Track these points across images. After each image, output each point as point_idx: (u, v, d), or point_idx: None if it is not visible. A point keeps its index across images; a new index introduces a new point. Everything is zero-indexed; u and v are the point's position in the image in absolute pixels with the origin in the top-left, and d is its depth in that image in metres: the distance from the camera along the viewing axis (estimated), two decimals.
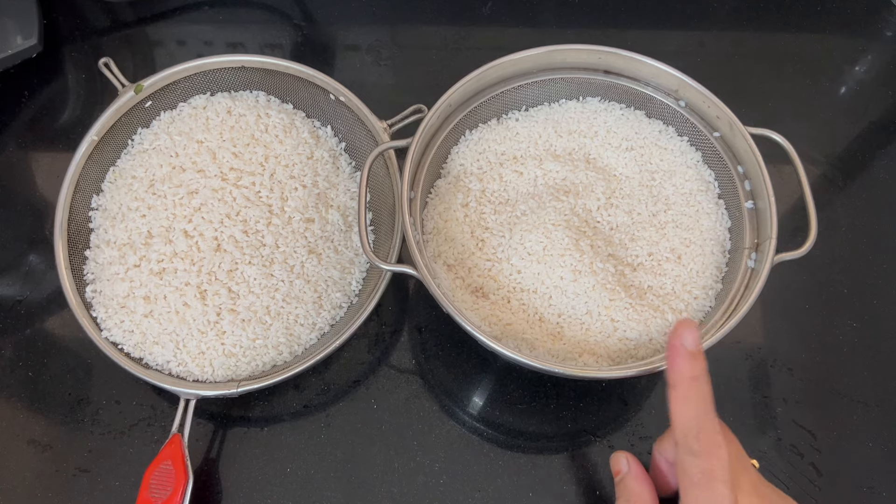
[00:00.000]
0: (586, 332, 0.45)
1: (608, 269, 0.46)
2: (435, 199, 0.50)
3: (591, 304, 0.45)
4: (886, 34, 0.68)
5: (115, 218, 0.49)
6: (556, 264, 0.45)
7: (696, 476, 0.34)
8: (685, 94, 0.50)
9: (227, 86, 0.54)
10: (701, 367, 0.36)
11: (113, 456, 0.47)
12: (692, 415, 0.35)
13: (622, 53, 0.50)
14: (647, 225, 0.49)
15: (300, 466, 0.47)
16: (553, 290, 0.45)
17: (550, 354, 0.44)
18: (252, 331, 0.46)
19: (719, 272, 0.48)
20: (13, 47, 0.59)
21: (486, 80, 0.51)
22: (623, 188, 0.50)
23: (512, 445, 0.48)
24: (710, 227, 0.49)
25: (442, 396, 0.50)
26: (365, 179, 0.45)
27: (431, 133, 0.49)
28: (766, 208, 0.45)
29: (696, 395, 0.35)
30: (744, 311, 0.42)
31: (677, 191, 0.50)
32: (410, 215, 0.45)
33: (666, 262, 0.48)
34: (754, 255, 0.46)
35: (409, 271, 0.42)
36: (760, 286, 0.42)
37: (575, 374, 0.41)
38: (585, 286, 0.45)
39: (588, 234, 0.47)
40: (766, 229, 0.45)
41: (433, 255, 0.48)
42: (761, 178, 0.46)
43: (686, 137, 0.52)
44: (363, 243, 0.43)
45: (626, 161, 0.51)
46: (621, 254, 0.48)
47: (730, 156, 0.50)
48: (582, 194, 0.49)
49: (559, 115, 0.53)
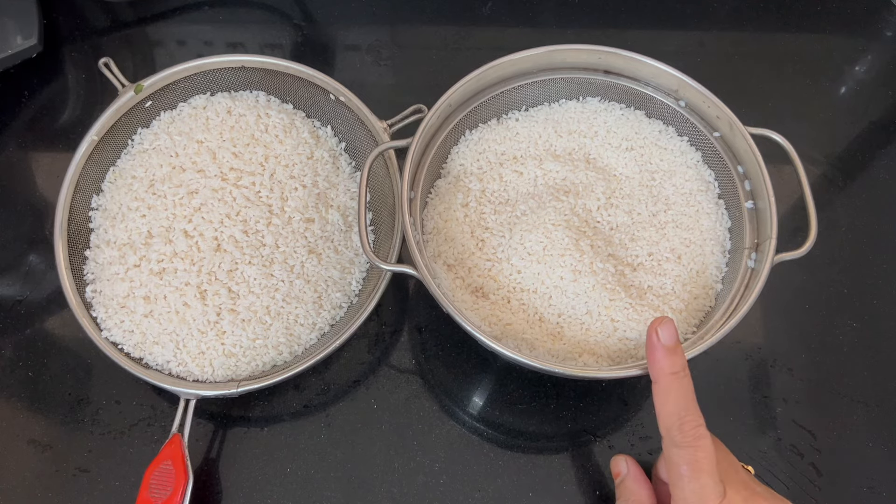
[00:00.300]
0: (586, 332, 0.45)
1: (608, 269, 0.46)
2: (435, 199, 0.50)
3: (591, 304, 0.45)
4: (886, 34, 0.68)
5: (115, 218, 0.49)
6: (556, 264, 0.45)
7: (682, 468, 0.35)
8: (685, 94, 0.50)
9: (227, 86, 0.54)
10: (680, 362, 0.37)
11: (113, 456, 0.47)
12: (673, 409, 0.36)
13: (622, 53, 0.50)
14: (647, 225, 0.49)
15: (300, 466, 0.47)
16: (553, 290, 0.45)
17: (550, 354, 0.44)
18: (252, 331, 0.46)
19: (719, 272, 0.48)
20: (13, 47, 0.59)
21: (486, 80, 0.51)
22: (623, 188, 0.50)
23: (512, 445, 0.48)
24: (710, 227, 0.49)
25: (442, 396, 0.50)
26: (365, 179, 0.45)
27: (431, 133, 0.49)
28: (766, 208, 0.45)
29: (677, 389, 0.36)
30: (744, 312, 0.42)
31: (677, 191, 0.50)
32: (410, 215, 0.45)
33: (666, 262, 0.48)
34: (754, 255, 0.46)
35: (409, 271, 0.42)
36: (760, 286, 0.42)
37: (575, 374, 0.41)
38: (585, 286, 0.45)
39: (588, 234, 0.47)
40: (767, 229, 0.45)
41: (433, 255, 0.48)
42: (761, 178, 0.46)
43: (686, 137, 0.52)
44: (363, 243, 0.43)
45: (626, 161, 0.51)
46: (621, 254, 0.48)
47: (730, 156, 0.50)
48: (582, 194, 0.49)
49: (559, 115, 0.53)
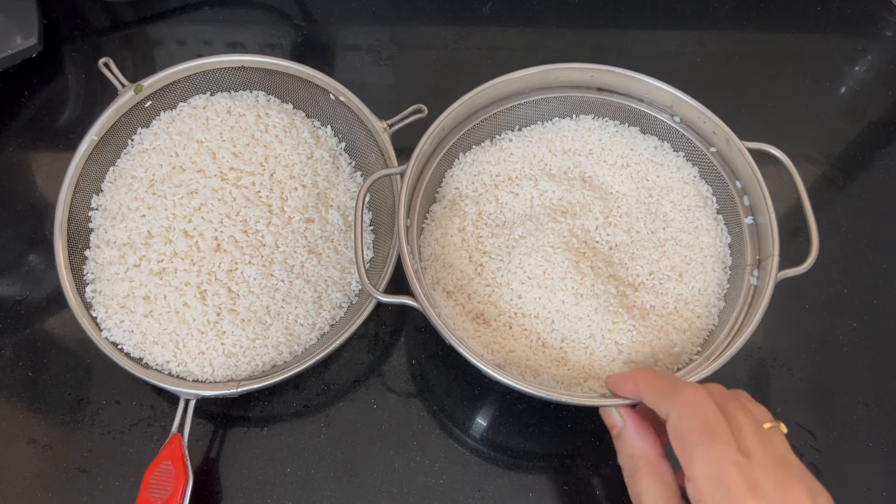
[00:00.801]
0: (591, 356, 0.44)
1: (610, 291, 0.45)
2: (431, 225, 0.50)
3: (594, 328, 0.44)
4: (886, 34, 0.68)
5: (115, 218, 0.49)
6: (557, 288, 0.45)
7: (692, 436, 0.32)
8: (680, 109, 0.50)
9: (227, 86, 0.54)
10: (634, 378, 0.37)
11: (113, 456, 0.47)
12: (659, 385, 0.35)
13: (615, 70, 0.49)
14: (647, 243, 0.48)
15: (300, 466, 0.47)
16: (555, 314, 0.45)
17: (555, 381, 0.44)
18: (252, 331, 0.46)
19: (721, 289, 0.47)
20: (13, 47, 0.59)
21: (479, 102, 0.50)
22: (620, 206, 0.50)
23: (512, 446, 0.48)
24: (710, 243, 0.49)
25: (442, 397, 0.50)
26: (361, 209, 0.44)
27: (426, 158, 0.49)
28: (766, 224, 0.45)
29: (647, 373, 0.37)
30: (749, 332, 0.41)
31: (675, 207, 0.50)
32: (408, 243, 0.44)
33: (667, 281, 0.47)
34: (756, 272, 0.46)
35: (409, 302, 0.41)
36: (765, 305, 0.42)
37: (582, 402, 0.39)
38: (588, 309, 0.44)
39: (588, 256, 0.47)
40: (768, 246, 0.44)
41: (432, 283, 0.47)
42: (760, 194, 0.45)
43: (682, 153, 0.52)
44: (363, 281, 0.42)
45: (622, 178, 0.51)
46: (622, 274, 0.47)
47: (727, 171, 0.49)
48: (580, 214, 0.49)
49: (553, 134, 0.53)
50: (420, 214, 0.49)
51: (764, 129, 0.61)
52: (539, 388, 0.39)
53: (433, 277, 0.48)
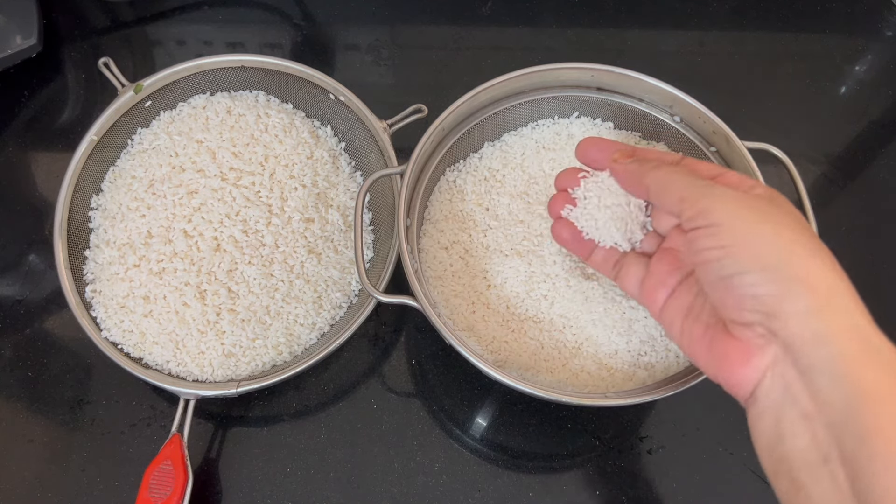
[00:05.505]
0: (591, 356, 0.44)
1: (610, 290, 0.45)
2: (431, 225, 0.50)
3: (594, 328, 0.44)
4: (886, 34, 0.68)
5: (115, 218, 0.49)
6: (558, 287, 0.45)
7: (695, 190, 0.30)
8: (680, 109, 0.50)
9: (227, 85, 0.54)
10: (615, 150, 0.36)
11: (113, 456, 0.47)
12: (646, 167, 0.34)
13: (615, 70, 0.49)
14: None
15: (300, 466, 0.47)
16: (556, 316, 0.45)
17: (556, 380, 0.44)
18: (252, 331, 0.46)
19: None
20: (13, 47, 0.59)
21: (479, 102, 0.50)
22: None
23: (511, 445, 0.48)
24: None
25: (442, 396, 0.50)
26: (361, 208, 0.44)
27: (425, 158, 0.49)
28: None
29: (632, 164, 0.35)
30: None
31: None
32: (408, 243, 0.44)
33: None
34: None
35: (409, 302, 0.42)
36: None
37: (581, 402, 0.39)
38: (591, 310, 0.44)
39: None
40: None
41: (432, 283, 0.47)
42: None
43: (681, 153, 0.51)
44: (363, 281, 0.42)
45: None
46: None
47: None
48: None
49: (551, 134, 0.52)
50: (420, 215, 0.49)
51: (764, 128, 0.61)
52: (539, 388, 0.39)
53: (433, 277, 0.48)
